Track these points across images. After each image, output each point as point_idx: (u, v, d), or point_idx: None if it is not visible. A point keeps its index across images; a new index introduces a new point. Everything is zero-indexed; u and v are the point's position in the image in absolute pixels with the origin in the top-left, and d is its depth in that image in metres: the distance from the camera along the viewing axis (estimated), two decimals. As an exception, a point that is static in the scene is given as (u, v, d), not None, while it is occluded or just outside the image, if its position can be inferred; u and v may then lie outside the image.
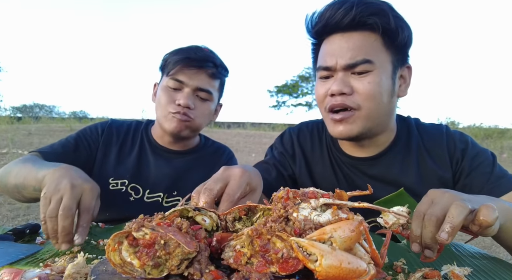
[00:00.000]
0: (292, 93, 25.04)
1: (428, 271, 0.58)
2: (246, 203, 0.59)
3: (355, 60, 0.83)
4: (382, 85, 0.84)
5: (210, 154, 1.29)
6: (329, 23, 0.85)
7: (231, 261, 0.48)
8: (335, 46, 0.86)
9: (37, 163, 0.90)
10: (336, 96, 0.85)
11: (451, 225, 0.54)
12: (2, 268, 0.58)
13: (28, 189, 0.85)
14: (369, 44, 0.83)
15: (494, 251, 2.88)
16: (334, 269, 0.42)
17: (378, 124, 0.89)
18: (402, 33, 0.84)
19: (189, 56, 1.10)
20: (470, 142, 0.94)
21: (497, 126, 13.71)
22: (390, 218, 0.60)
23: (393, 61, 0.86)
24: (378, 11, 0.82)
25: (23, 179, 0.86)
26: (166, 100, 1.11)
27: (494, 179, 0.87)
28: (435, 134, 0.97)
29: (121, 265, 0.45)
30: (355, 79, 0.84)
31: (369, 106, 0.84)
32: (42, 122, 12.14)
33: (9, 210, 3.68)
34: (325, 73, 0.89)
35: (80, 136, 1.18)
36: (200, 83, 1.12)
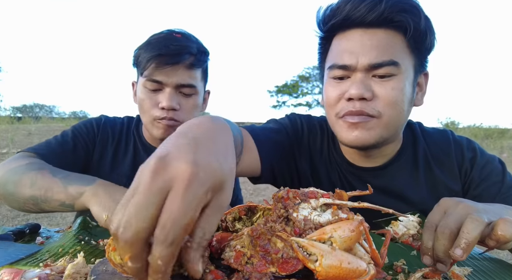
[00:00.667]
0: (292, 93, 25.06)
1: (428, 271, 0.58)
2: (246, 203, 0.59)
3: (381, 60, 0.73)
4: (405, 92, 0.76)
5: None
6: (350, 16, 0.74)
7: (231, 261, 0.48)
8: (355, 43, 0.75)
9: (56, 172, 0.85)
10: (354, 101, 0.75)
11: (466, 241, 0.50)
12: (2, 268, 0.58)
13: (52, 203, 0.81)
14: (395, 44, 0.74)
15: (495, 252, 2.88)
16: (334, 269, 0.42)
17: (394, 134, 0.81)
18: (430, 36, 0.76)
19: (160, 52, 0.97)
20: (478, 150, 0.88)
21: (497, 126, 13.70)
22: (400, 228, 0.58)
23: (415, 66, 0.79)
24: (410, 9, 0.73)
25: (45, 192, 0.81)
26: (148, 104, 1.02)
27: (505, 189, 0.81)
28: (441, 142, 0.90)
29: (121, 265, 0.45)
30: (376, 83, 0.75)
31: (391, 114, 0.76)
32: (42, 122, 12.14)
33: (9, 210, 3.68)
34: (341, 73, 0.78)
35: (76, 135, 1.10)
36: (180, 79, 1.00)
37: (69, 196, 0.79)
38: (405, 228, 0.58)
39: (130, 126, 1.18)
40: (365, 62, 0.73)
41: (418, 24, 0.73)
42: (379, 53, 0.73)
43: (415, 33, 0.74)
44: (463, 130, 12.97)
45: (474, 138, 11.47)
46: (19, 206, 0.85)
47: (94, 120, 1.15)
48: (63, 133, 1.10)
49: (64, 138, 1.07)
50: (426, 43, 0.76)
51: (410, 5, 0.73)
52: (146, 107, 1.02)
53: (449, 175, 0.87)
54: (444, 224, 0.54)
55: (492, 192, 0.82)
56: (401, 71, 0.74)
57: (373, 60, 0.73)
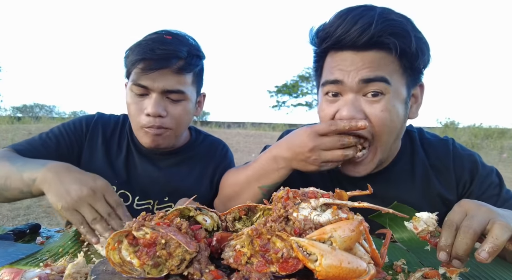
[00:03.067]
0: (292, 93, 25.04)
1: (428, 271, 0.58)
2: (246, 203, 0.59)
3: (372, 75, 0.74)
4: (395, 110, 0.77)
5: (203, 151, 1.17)
6: (341, 40, 0.75)
7: (231, 260, 0.48)
8: (347, 62, 0.76)
9: (16, 161, 0.85)
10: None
11: (494, 245, 0.52)
12: (2, 268, 0.58)
13: (12, 191, 0.82)
14: (386, 65, 0.75)
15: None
16: (334, 268, 0.42)
17: (386, 153, 0.83)
18: (422, 56, 0.76)
19: (145, 56, 0.92)
20: (479, 163, 0.88)
21: (497, 126, 13.70)
22: (420, 224, 0.61)
23: (408, 83, 0.79)
24: (400, 32, 0.73)
25: (5, 181, 0.82)
26: (135, 110, 0.97)
27: (500, 202, 0.83)
28: (441, 152, 0.90)
29: (120, 264, 0.45)
30: (367, 102, 0.76)
31: (382, 137, 0.78)
32: (42, 122, 12.14)
33: (9, 210, 3.68)
34: (334, 88, 0.79)
35: (62, 132, 1.06)
36: (167, 84, 0.94)
37: (24, 184, 0.79)
38: (425, 225, 0.60)
39: (125, 124, 1.14)
40: (356, 77, 0.75)
41: (409, 47, 0.74)
42: (370, 70, 0.75)
43: (406, 55, 0.75)
44: (463, 130, 12.96)
45: (474, 138, 11.44)
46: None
47: (85, 118, 1.12)
48: (50, 130, 1.08)
49: (48, 135, 1.05)
50: (418, 62, 0.77)
51: (400, 29, 0.74)
52: (132, 112, 0.98)
53: (446, 185, 0.88)
54: (469, 224, 0.56)
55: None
56: (390, 91, 0.76)
57: (364, 76, 0.75)
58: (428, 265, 0.67)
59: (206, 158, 1.17)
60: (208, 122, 18.60)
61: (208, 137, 1.23)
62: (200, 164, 1.15)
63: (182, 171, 1.12)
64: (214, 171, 1.16)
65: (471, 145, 10.39)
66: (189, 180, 1.12)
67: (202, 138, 1.21)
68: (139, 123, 0.97)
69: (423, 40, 0.77)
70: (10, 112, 19.27)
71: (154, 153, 1.10)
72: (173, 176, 1.10)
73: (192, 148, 1.16)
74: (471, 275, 0.63)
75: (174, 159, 1.12)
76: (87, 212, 0.70)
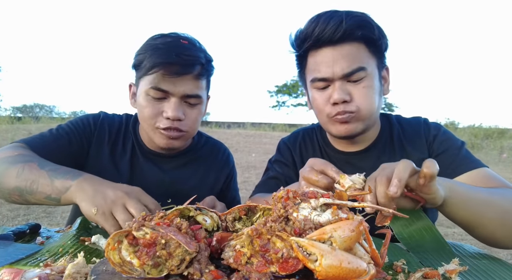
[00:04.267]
0: (291, 93, 25.04)
1: (428, 271, 0.58)
2: (245, 203, 0.59)
3: (351, 69, 0.89)
4: (374, 87, 0.93)
5: (205, 154, 1.18)
6: (320, 38, 0.90)
7: (231, 261, 0.48)
8: (328, 58, 0.91)
9: (43, 164, 0.84)
10: (339, 104, 0.92)
11: (398, 178, 0.61)
12: (2, 268, 0.58)
13: (37, 195, 0.81)
14: (360, 53, 0.91)
15: (494, 251, 2.88)
16: (334, 269, 0.42)
17: (372, 121, 0.98)
18: (383, 39, 0.94)
19: (170, 60, 0.92)
20: (442, 129, 1.05)
21: (497, 126, 13.71)
22: (346, 181, 0.62)
23: (378, 65, 0.96)
24: (365, 23, 0.90)
25: (31, 184, 0.81)
26: (151, 112, 0.97)
27: (458, 161, 0.96)
28: (414, 125, 1.07)
29: (120, 264, 0.45)
30: (352, 86, 0.92)
31: (366, 107, 0.93)
32: (42, 122, 12.15)
33: (9, 210, 3.68)
34: (322, 84, 0.94)
35: (72, 129, 1.05)
36: (187, 89, 0.96)
37: (55, 190, 0.79)
38: (351, 182, 0.61)
39: (128, 124, 1.14)
40: (340, 72, 0.90)
41: (374, 34, 0.91)
42: (349, 63, 0.90)
43: (372, 41, 0.92)
44: (463, 130, 12.96)
45: (474, 138, 11.45)
46: (5, 196, 0.86)
47: (91, 116, 1.12)
48: (58, 127, 1.06)
49: (59, 132, 1.03)
50: (381, 46, 0.94)
51: (365, 21, 0.91)
52: (148, 115, 0.97)
53: (419, 149, 1.03)
54: (381, 174, 0.65)
55: (447, 162, 0.96)
56: (368, 73, 0.92)
57: (345, 70, 0.90)
58: (428, 265, 0.67)
59: (208, 161, 1.18)
60: (208, 122, 18.60)
61: (209, 140, 1.25)
62: (203, 167, 1.16)
63: (186, 173, 1.13)
64: (217, 175, 1.18)
65: (471, 145, 10.39)
66: (192, 182, 1.13)
67: (204, 141, 1.23)
68: (154, 124, 0.98)
69: (380, 28, 0.93)
70: (10, 112, 19.28)
71: (158, 155, 1.11)
72: (176, 178, 1.11)
73: (195, 150, 1.18)
74: (470, 275, 0.63)
75: (177, 162, 1.13)
76: (121, 213, 0.70)
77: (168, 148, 1.02)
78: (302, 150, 1.14)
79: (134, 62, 1.02)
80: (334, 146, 1.09)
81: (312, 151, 1.13)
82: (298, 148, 1.15)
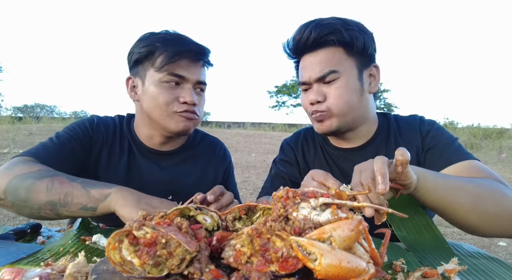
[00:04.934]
0: (291, 93, 25.03)
1: (427, 270, 0.58)
2: (245, 203, 0.59)
3: (323, 73, 0.97)
4: (349, 87, 0.98)
5: (203, 150, 1.20)
6: (299, 45, 1.01)
7: (231, 260, 0.48)
8: (307, 64, 1.01)
9: (71, 177, 0.85)
10: (314, 104, 1.01)
11: (381, 174, 0.63)
12: (3, 267, 0.58)
13: (72, 207, 0.81)
14: (333, 57, 0.98)
15: (493, 251, 2.88)
16: (333, 268, 0.42)
17: (354, 117, 1.02)
18: (357, 41, 0.97)
19: (188, 48, 1.00)
20: (435, 125, 1.08)
21: (495, 126, 13.71)
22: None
23: (358, 65, 1.00)
24: (332, 30, 0.96)
25: (65, 196, 0.81)
26: (167, 98, 0.99)
27: (448, 153, 0.98)
28: (410, 122, 1.11)
29: (121, 263, 0.46)
30: (326, 87, 1.00)
31: (337, 105, 0.98)
32: (43, 122, 12.15)
33: (9, 210, 3.67)
34: (304, 87, 1.05)
35: (72, 136, 1.04)
36: (199, 76, 1.04)
37: (92, 199, 0.79)
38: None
39: (122, 125, 1.14)
40: (314, 76, 0.99)
41: (343, 38, 0.96)
42: (321, 68, 0.98)
43: (345, 44, 0.97)
44: (461, 130, 12.95)
45: (473, 138, 11.44)
46: (32, 212, 0.83)
47: (87, 121, 1.11)
48: (57, 134, 1.04)
49: (60, 140, 1.01)
50: (357, 47, 0.98)
51: (332, 27, 0.96)
52: (163, 100, 0.99)
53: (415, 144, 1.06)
54: (364, 176, 0.67)
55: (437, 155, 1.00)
56: (341, 74, 0.98)
57: (318, 74, 0.98)
58: (427, 264, 0.67)
59: (205, 157, 1.19)
60: (208, 122, 18.58)
61: (206, 136, 1.26)
62: (200, 163, 1.16)
63: (184, 170, 1.14)
64: (215, 170, 1.19)
65: (470, 145, 10.39)
66: (191, 179, 1.14)
67: (200, 137, 1.24)
68: (171, 109, 1.01)
69: (354, 30, 0.97)
70: (11, 112, 19.27)
71: (156, 153, 1.11)
72: (175, 175, 1.12)
73: (192, 147, 1.18)
74: (470, 275, 0.63)
75: (176, 159, 1.14)
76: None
77: (185, 131, 1.04)
78: (304, 148, 1.19)
79: (138, 56, 1.02)
80: (333, 144, 1.14)
81: (313, 149, 1.18)
82: (300, 147, 1.19)
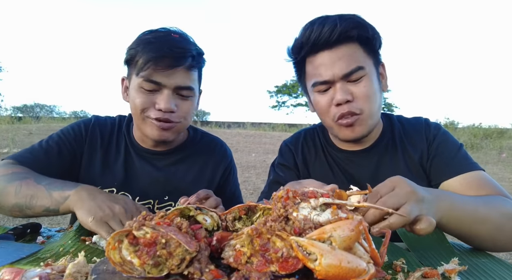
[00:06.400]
0: (291, 93, 25.02)
1: (427, 270, 0.58)
2: (246, 203, 0.59)
3: (350, 69, 0.91)
4: (374, 86, 0.94)
5: (201, 149, 1.18)
6: (317, 42, 0.92)
7: (231, 260, 0.48)
8: (327, 61, 0.93)
9: (40, 180, 0.89)
10: (342, 105, 0.92)
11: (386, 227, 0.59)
12: (3, 267, 0.58)
13: (36, 209, 0.85)
14: (356, 53, 0.93)
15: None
16: (333, 268, 0.42)
17: (375, 120, 0.99)
18: (378, 39, 0.96)
19: (163, 53, 0.94)
20: (441, 130, 1.06)
21: (496, 126, 13.71)
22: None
23: (374, 63, 0.97)
24: (358, 24, 0.92)
25: (30, 199, 0.85)
26: (143, 103, 0.97)
27: (454, 162, 0.96)
28: (415, 124, 1.08)
29: (121, 263, 0.46)
30: (352, 85, 0.93)
31: (369, 107, 0.94)
32: (43, 122, 12.16)
33: (9, 210, 3.67)
34: (324, 87, 0.95)
35: (62, 139, 1.06)
36: (180, 81, 0.97)
37: (53, 201, 0.83)
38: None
39: (121, 125, 1.15)
40: (340, 73, 0.91)
41: (368, 33, 0.93)
42: (347, 63, 0.91)
43: (367, 40, 0.94)
44: (462, 130, 12.96)
45: (473, 138, 11.44)
46: (5, 212, 0.91)
47: (83, 122, 1.12)
48: (49, 138, 1.07)
49: (48, 143, 1.05)
50: (376, 44, 0.96)
51: (357, 21, 0.92)
52: (139, 106, 0.98)
53: (420, 148, 1.04)
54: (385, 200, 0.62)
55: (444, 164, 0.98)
56: (366, 72, 0.93)
57: (344, 71, 0.91)
58: (428, 264, 0.67)
59: (205, 156, 1.17)
60: (208, 122, 18.59)
61: (206, 135, 1.24)
62: (199, 162, 1.15)
63: (181, 170, 1.13)
64: (214, 169, 1.17)
65: (470, 145, 10.38)
66: (188, 178, 1.13)
67: (200, 136, 1.22)
68: (146, 115, 0.99)
69: (372, 26, 0.95)
70: (10, 112, 19.27)
71: (152, 153, 1.11)
72: (172, 175, 1.11)
73: (190, 146, 1.17)
74: (470, 275, 0.63)
75: (172, 158, 1.13)
76: (116, 226, 0.74)
77: (160, 140, 1.02)
78: (304, 151, 1.15)
79: (126, 57, 1.02)
80: (337, 145, 1.10)
81: (314, 151, 1.14)
82: (301, 149, 1.15)
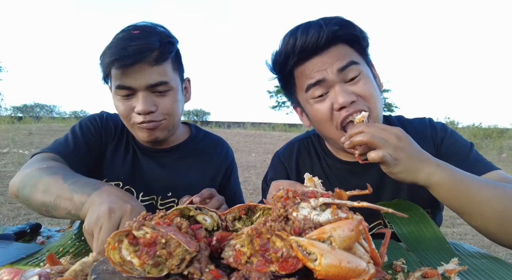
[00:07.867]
0: (292, 93, 24.99)
1: (427, 270, 0.58)
2: (246, 203, 0.59)
3: (345, 62, 0.85)
4: (373, 83, 0.90)
5: (203, 148, 1.18)
6: (304, 49, 0.86)
7: (231, 260, 0.48)
8: (318, 65, 0.87)
9: (68, 177, 0.80)
10: (347, 107, 0.85)
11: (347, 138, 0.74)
12: (2, 267, 0.58)
13: (60, 211, 0.76)
14: (347, 53, 0.88)
15: (494, 251, 2.88)
16: (333, 268, 0.42)
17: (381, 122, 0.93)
18: (366, 37, 0.91)
19: (117, 56, 0.90)
20: (449, 131, 0.99)
21: (496, 126, 13.70)
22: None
23: (366, 62, 0.93)
24: (344, 24, 0.87)
25: (55, 199, 0.77)
26: (124, 110, 0.97)
27: (467, 165, 0.88)
28: (419, 127, 1.01)
29: (120, 263, 0.45)
30: (352, 86, 0.86)
31: (375, 106, 0.88)
32: (43, 122, 12.16)
33: (9, 209, 3.68)
34: (319, 90, 0.88)
35: (85, 131, 1.06)
36: (149, 79, 0.93)
37: (74, 205, 0.74)
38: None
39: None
40: (334, 69, 0.85)
41: (356, 31, 0.88)
42: (340, 60, 0.86)
43: (356, 40, 0.89)
44: (462, 129, 12.95)
45: (473, 137, 11.43)
46: (36, 210, 0.83)
47: (97, 116, 1.13)
48: (72, 131, 1.06)
49: (76, 136, 1.04)
50: (364, 43, 0.91)
51: (343, 21, 0.87)
52: (122, 113, 0.99)
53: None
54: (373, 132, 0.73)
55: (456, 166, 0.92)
56: (361, 69, 0.87)
57: (338, 66, 0.85)
58: (428, 264, 0.67)
59: (207, 154, 1.18)
60: (208, 122, 18.59)
61: (208, 135, 1.25)
62: (201, 160, 1.16)
63: (183, 167, 1.14)
64: (216, 169, 1.18)
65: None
66: (191, 176, 1.14)
67: (202, 135, 1.23)
68: (131, 121, 0.99)
69: (358, 26, 0.91)
70: (10, 112, 19.28)
71: (155, 151, 1.13)
72: (175, 172, 1.12)
73: (192, 143, 1.18)
74: (470, 275, 0.63)
75: (175, 155, 1.14)
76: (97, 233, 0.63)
77: (151, 140, 1.02)
78: (299, 163, 1.08)
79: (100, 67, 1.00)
80: (336, 156, 1.03)
81: (309, 163, 1.07)
82: (295, 162, 1.08)
